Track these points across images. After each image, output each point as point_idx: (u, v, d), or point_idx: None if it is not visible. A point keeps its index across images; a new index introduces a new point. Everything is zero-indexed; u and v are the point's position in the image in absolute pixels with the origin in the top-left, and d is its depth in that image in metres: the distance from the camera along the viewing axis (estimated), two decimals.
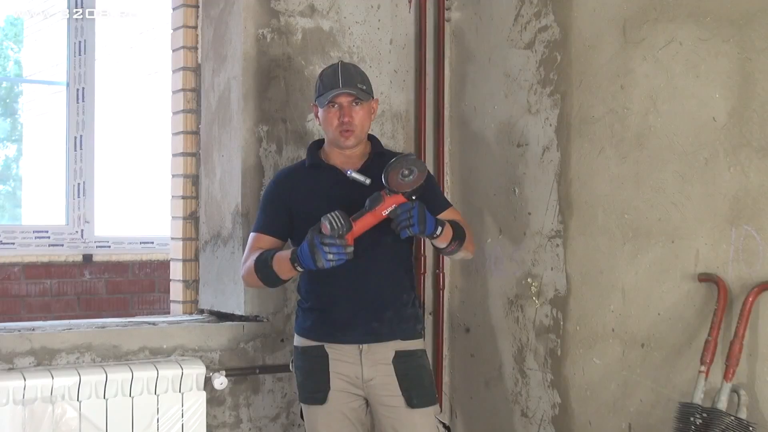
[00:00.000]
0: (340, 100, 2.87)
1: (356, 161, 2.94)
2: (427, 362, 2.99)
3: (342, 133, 2.88)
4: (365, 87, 2.90)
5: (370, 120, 2.96)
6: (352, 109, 2.87)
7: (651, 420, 3.04)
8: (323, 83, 2.90)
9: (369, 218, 2.70)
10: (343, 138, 2.88)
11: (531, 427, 3.52)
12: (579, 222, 3.32)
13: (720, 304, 2.74)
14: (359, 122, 2.88)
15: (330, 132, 2.91)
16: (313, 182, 2.94)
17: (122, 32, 6.43)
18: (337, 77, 2.87)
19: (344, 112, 2.86)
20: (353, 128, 2.87)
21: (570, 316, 3.35)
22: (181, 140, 3.87)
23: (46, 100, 6.67)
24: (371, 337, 2.88)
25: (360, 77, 2.91)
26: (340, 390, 2.88)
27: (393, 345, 2.89)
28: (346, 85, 2.85)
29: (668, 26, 2.98)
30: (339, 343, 2.88)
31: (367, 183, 2.80)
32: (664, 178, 2.99)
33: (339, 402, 2.88)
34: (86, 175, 5.44)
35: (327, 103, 2.88)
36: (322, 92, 2.89)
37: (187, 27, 3.87)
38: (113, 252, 5.65)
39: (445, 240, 2.83)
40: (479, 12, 3.83)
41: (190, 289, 3.88)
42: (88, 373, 3.12)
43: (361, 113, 2.89)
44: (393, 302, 2.90)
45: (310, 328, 2.93)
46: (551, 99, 3.44)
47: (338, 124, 2.87)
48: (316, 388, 2.89)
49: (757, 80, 2.72)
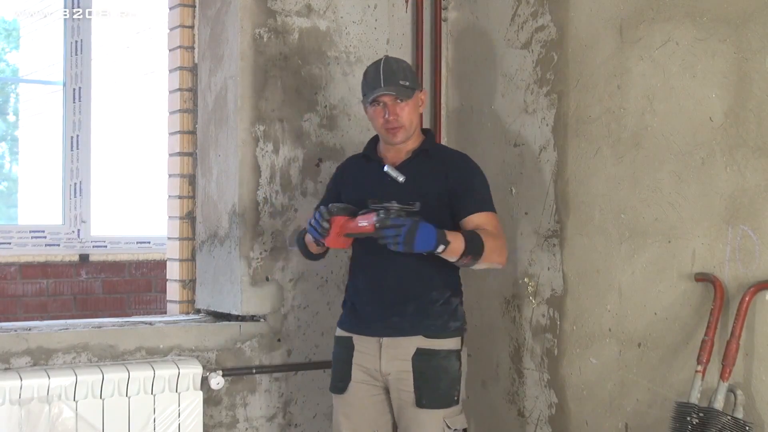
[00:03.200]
0: (383, 99, 2.90)
1: (404, 155, 2.99)
2: (454, 364, 2.90)
3: (388, 130, 2.92)
4: (408, 83, 2.90)
5: (419, 113, 2.98)
6: (397, 106, 2.89)
7: (648, 420, 3.04)
8: (367, 82, 2.94)
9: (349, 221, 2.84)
10: (391, 135, 2.93)
11: (528, 427, 3.52)
12: (576, 222, 3.32)
13: (716, 303, 2.74)
14: (406, 118, 2.91)
15: (378, 129, 2.98)
16: (360, 172, 3.05)
17: (119, 32, 6.42)
18: (379, 76, 2.89)
19: (389, 111, 2.89)
20: (399, 124, 2.90)
21: (567, 315, 3.35)
22: (178, 140, 3.87)
23: (42, 99, 6.66)
24: (391, 331, 2.89)
25: (402, 73, 2.91)
26: (361, 381, 2.94)
27: (416, 341, 2.88)
28: (388, 84, 2.87)
29: (665, 26, 2.99)
30: (363, 335, 2.95)
31: (400, 180, 2.86)
32: (661, 177, 2.99)
33: (359, 393, 2.94)
34: (83, 175, 5.43)
35: (371, 101, 2.91)
36: (366, 92, 2.93)
37: (183, 27, 3.86)
38: (110, 252, 5.64)
39: (452, 254, 2.76)
40: (476, 12, 3.83)
41: (186, 289, 3.88)
42: (84, 373, 3.12)
43: (407, 109, 2.91)
44: (416, 298, 2.90)
45: (343, 319, 3.06)
46: (548, 99, 3.44)
47: (383, 122, 2.91)
48: (339, 377, 3.00)
49: (753, 80, 2.72)
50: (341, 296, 3.71)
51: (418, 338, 2.88)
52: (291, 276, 3.63)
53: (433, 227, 2.70)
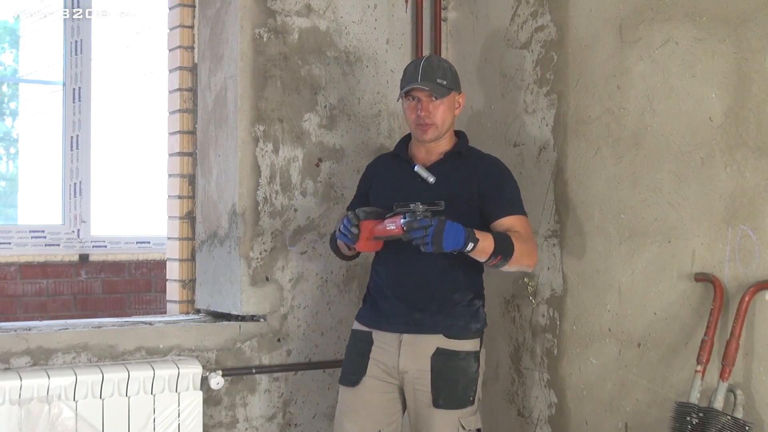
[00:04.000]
0: (418, 94, 2.89)
1: (435, 156, 2.98)
2: (472, 365, 2.90)
3: (419, 126, 2.91)
4: (446, 82, 2.89)
5: (453, 114, 2.97)
6: (431, 103, 2.89)
7: (647, 419, 3.04)
8: (405, 75, 2.95)
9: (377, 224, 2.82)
10: (420, 131, 2.92)
11: (528, 427, 3.52)
12: (575, 222, 3.32)
13: (716, 303, 2.74)
14: (439, 117, 2.90)
15: (409, 125, 2.98)
16: (389, 170, 3.04)
17: (119, 32, 6.42)
18: (418, 71, 2.89)
19: (422, 107, 2.89)
20: (431, 122, 2.89)
21: (566, 315, 3.35)
22: (178, 140, 3.87)
23: (42, 99, 6.66)
24: (412, 328, 2.89)
25: (441, 72, 2.91)
26: (375, 377, 2.94)
27: (436, 340, 2.87)
28: (424, 80, 2.87)
29: (664, 26, 2.99)
30: (383, 330, 2.95)
31: (430, 180, 2.87)
32: (661, 177, 2.99)
33: (371, 388, 2.93)
34: (83, 175, 5.43)
35: (406, 95, 2.91)
36: (403, 85, 2.93)
37: (183, 26, 3.86)
38: (110, 252, 5.64)
39: (482, 254, 2.75)
40: (476, 11, 3.83)
41: (186, 289, 3.88)
42: (84, 373, 3.12)
43: (442, 108, 2.90)
44: (439, 297, 2.90)
45: (363, 314, 3.06)
46: (548, 99, 3.44)
47: (415, 117, 2.91)
48: (353, 370, 2.98)
49: (753, 80, 2.72)
50: (341, 296, 3.72)
51: (438, 337, 2.88)
52: (291, 276, 3.63)
53: (460, 226, 2.68)
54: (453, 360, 2.87)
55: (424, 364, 2.86)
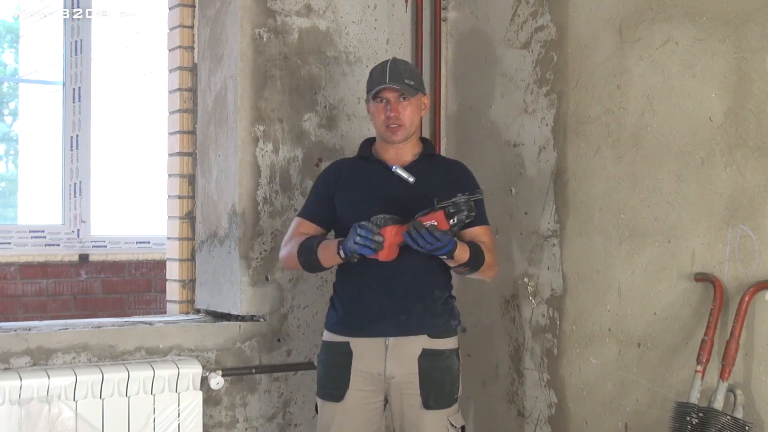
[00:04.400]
0: (386, 95, 2.89)
1: (406, 158, 2.97)
2: (455, 362, 2.93)
3: (388, 127, 2.90)
4: (413, 83, 2.91)
5: (420, 115, 2.98)
6: (399, 104, 2.89)
7: (647, 419, 3.04)
8: (372, 78, 2.94)
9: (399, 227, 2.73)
10: (390, 132, 2.91)
11: (527, 427, 3.52)
12: (575, 222, 3.32)
13: (716, 303, 2.74)
14: (407, 118, 2.90)
15: (378, 126, 2.95)
16: (358, 174, 2.98)
17: (119, 32, 6.42)
18: (385, 72, 2.89)
19: (391, 107, 2.89)
20: (401, 123, 2.89)
21: (566, 315, 3.35)
22: (178, 140, 3.87)
23: (42, 99, 6.66)
24: (399, 330, 2.86)
25: (409, 73, 2.92)
26: (359, 389, 2.87)
27: (421, 341, 2.87)
28: (393, 81, 2.87)
29: (664, 26, 2.99)
30: (366, 336, 2.88)
31: (410, 181, 2.85)
32: (661, 177, 2.99)
33: (356, 401, 2.87)
34: (82, 175, 5.43)
35: (374, 97, 2.91)
36: (371, 87, 2.93)
37: (183, 26, 3.86)
38: (109, 252, 5.64)
39: (455, 261, 2.81)
40: (476, 12, 3.83)
41: (186, 289, 3.88)
42: (84, 372, 3.12)
43: (410, 109, 2.91)
44: (424, 296, 2.89)
45: (337, 323, 2.94)
46: (548, 99, 3.44)
47: (385, 118, 2.90)
48: (335, 385, 2.89)
49: (753, 80, 2.72)
50: None
51: (422, 338, 2.87)
52: (291, 276, 3.63)
53: None
54: (439, 360, 2.88)
55: (411, 368, 2.85)
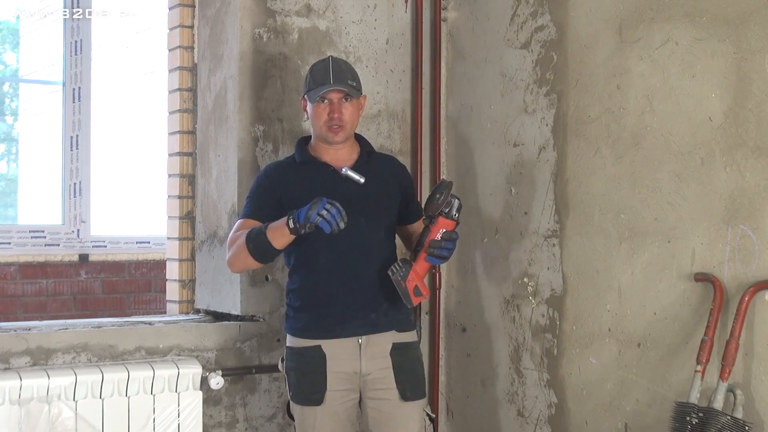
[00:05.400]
0: (330, 96, 2.88)
1: (345, 158, 2.96)
2: (420, 354, 3.06)
3: (331, 128, 2.89)
4: (355, 84, 2.92)
5: (359, 116, 2.98)
6: (342, 105, 2.89)
7: (647, 419, 3.04)
8: (314, 78, 2.91)
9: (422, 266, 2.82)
10: (332, 133, 2.90)
11: (527, 427, 3.52)
12: (575, 222, 3.32)
13: (716, 303, 2.74)
14: (348, 118, 2.90)
15: (318, 127, 2.92)
16: (305, 178, 2.93)
17: (119, 32, 6.42)
18: (329, 73, 2.87)
19: (334, 108, 2.88)
20: (343, 124, 2.89)
21: (566, 315, 3.35)
22: (178, 140, 3.87)
23: (42, 99, 6.65)
24: (370, 329, 2.89)
25: (350, 73, 2.92)
26: (336, 389, 2.86)
27: (390, 337, 2.92)
28: (338, 82, 2.86)
29: (664, 26, 2.99)
30: (338, 337, 2.87)
31: (361, 181, 2.86)
32: (660, 177, 2.99)
33: (335, 402, 2.87)
34: (82, 175, 5.44)
35: (317, 98, 2.89)
36: (313, 87, 2.89)
37: (183, 26, 3.87)
38: (109, 252, 5.65)
39: None
40: (475, 11, 3.83)
41: (186, 289, 3.88)
42: (84, 372, 3.12)
43: (351, 109, 2.91)
44: (388, 293, 2.89)
45: (304, 327, 2.91)
46: (547, 99, 3.44)
47: (327, 119, 2.89)
48: (312, 389, 2.86)
49: (752, 80, 2.72)
50: None
51: (391, 333, 2.93)
52: None
53: None
54: (409, 352, 2.96)
55: (385, 363, 2.89)
